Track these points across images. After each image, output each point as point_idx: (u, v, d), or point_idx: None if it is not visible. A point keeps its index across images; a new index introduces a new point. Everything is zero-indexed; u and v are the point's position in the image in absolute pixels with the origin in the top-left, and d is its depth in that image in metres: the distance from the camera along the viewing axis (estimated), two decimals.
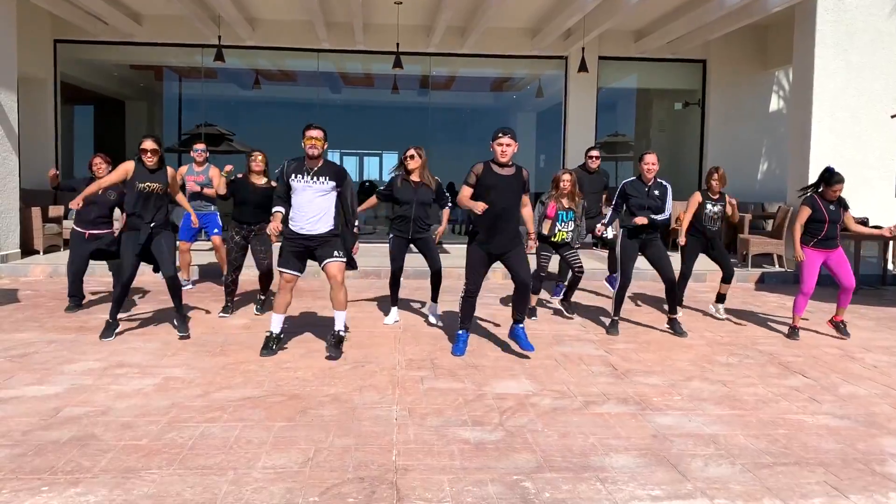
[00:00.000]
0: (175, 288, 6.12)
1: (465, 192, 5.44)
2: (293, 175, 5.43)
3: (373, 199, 6.77)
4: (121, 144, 16.29)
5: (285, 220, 5.50)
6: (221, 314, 7.01)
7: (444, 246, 13.09)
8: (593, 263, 10.32)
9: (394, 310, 6.85)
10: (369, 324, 6.75)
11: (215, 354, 5.59)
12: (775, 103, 13.77)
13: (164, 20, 12.71)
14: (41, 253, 10.61)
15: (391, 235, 6.65)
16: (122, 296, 5.97)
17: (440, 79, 14.83)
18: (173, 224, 6.37)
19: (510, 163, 5.42)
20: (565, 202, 7.09)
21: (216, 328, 6.50)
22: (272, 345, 5.58)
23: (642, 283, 9.60)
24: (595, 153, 8.32)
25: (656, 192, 6.54)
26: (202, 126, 15.61)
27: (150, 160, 5.97)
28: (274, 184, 6.77)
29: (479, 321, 6.97)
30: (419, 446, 3.74)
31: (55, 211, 11.49)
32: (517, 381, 4.97)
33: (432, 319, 6.78)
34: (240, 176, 6.99)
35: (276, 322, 5.61)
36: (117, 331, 6.07)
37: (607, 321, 6.94)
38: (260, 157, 6.94)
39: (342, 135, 17.38)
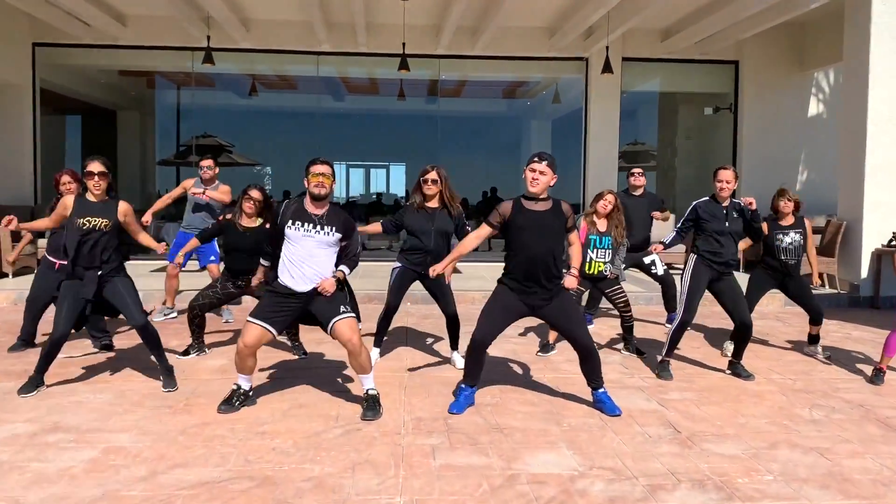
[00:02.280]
0: (150, 337, 4.97)
1: (480, 233, 4.49)
2: (291, 221, 4.37)
3: (376, 226, 5.57)
4: (112, 156, 15.38)
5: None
6: (181, 356, 5.89)
7: (456, 265, 12.00)
8: (626, 286, 9.18)
9: (375, 351, 5.73)
10: (380, 367, 5.64)
11: (177, 411, 4.50)
12: (815, 107, 12.67)
13: (151, 21, 11.74)
14: (10, 276, 9.57)
15: (398, 266, 5.57)
16: (50, 354, 4.84)
17: (449, 84, 13.80)
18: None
19: (544, 195, 4.42)
20: (601, 226, 6.03)
21: (185, 372, 5.43)
22: (235, 401, 4.53)
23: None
24: (638, 170, 7.20)
25: (735, 214, 5.43)
26: (200, 137, 14.69)
27: (96, 187, 4.81)
28: (268, 225, 5.72)
29: (497, 361, 5.87)
30: None
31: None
32: (557, 453, 3.87)
33: (459, 364, 5.64)
34: (228, 217, 5.86)
35: (243, 380, 4.58)
36: (84, 372, 5.00)
37: (656, 357, 5.83)
38: (256, 197, 5.70)
39: (346, 146, 16.41)
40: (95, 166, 4.81)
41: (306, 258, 4.36)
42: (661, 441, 4.09)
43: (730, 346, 6.27)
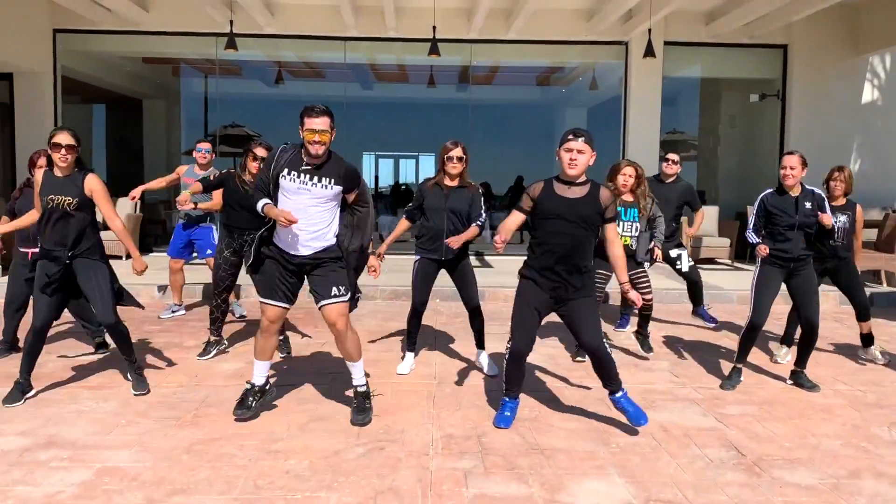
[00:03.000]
0: (119, 335, 4.56)
1: (513, 219, 4.00)
2: (285, 170, 3.89)
3: (403, 224, 5.11)
4: (139, 146, 15.17)
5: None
6: (201, 357, 5.52)
7: (486, 258, 11.54)
8: (665, 282, 8.66)
9: (409, 356, 5.27)
10: (395, 372, 5.21)
11: (184, 424, 4.11)
12: (869, 94, 11.92)
13: (173, 6, 11.37)
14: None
15: (417, 258, 5.08)
16: (33, 347, 4.45)
17: (481, 70, 13.27)
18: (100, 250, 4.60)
19: (583, 179, 3.90)
20: (627, 196, 5.45)
21: (198, 376, 5.04)
22: (251, 401, 4.16)
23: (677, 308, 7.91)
24: (673, 157, 6.62)
25: (807, 206, 4.87)
26: (228, 127, 14.42)
27: (62, 160, 4.32)
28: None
29: (531, 367, 5.40)
30: None
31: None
32: (606, 480, 3.39)
33: (488, 370, 5.18)
34: (230, 171, 5.46)
35: (258, 371, 4.18)
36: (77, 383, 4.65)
37: (717, 368, 5.32)
38: (262, 156, 5.28)
39: (375, 135, 16.01)
40: (63, 137, 4.33)
41: (301, 213, 3.83)
42: (724, 466, 3.59)
43: (781, 351, 5.74)
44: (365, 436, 3.93)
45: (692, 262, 6.36)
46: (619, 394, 4.05)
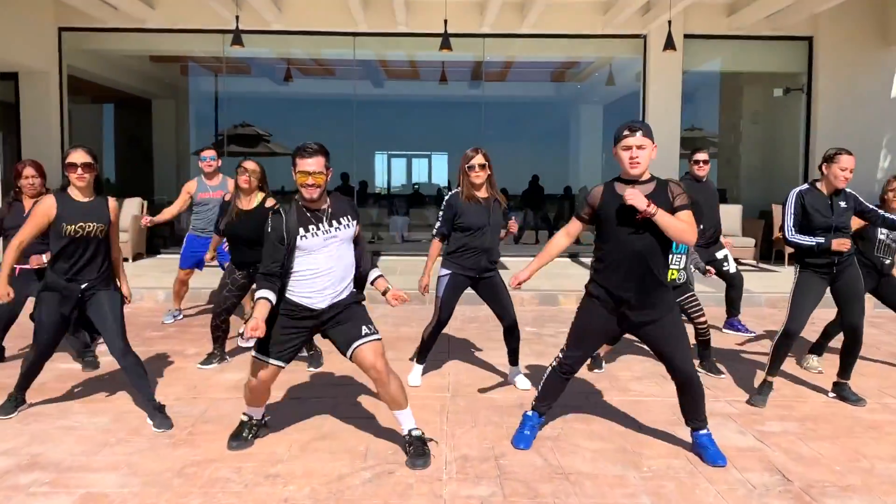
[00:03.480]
0: (131, 367, 4.08)
1: (571, 228, 3.68)
2: (300, 231, 3.45)
3: (436, 247, 4.71)
4: (148, 147, 14.95)
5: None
6: (201, 365, 5.25)
7: (502, 259, 11.19)
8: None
9: (418, 368, 4.92)
10: (407, 384, 4.88)
11: (178, 442, 3.80)
12: None
13: (179, 3, 11.10)
14: None
15: (446, 272, 4.65)
16: (31, 370, 4.16)
17: (494, 66, 12.93)
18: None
19: (646, 176, 3.47)
20: None
21: (197, 388, 4.74)
22: (247, 434, 3.78)
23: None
24: (703, 157, 6.20)
25: (843, 205, 4.48)
26: (238, 126, 14.18)
27: (80, 179, 3.93)
28: (271, 202, 4.94)
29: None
30: None
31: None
32: None
33: (521, 385, 4.80)
34: (226, 197, 5.19)
35: (254, 412, 3.83)
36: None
37: (751, 378, 4.97)
38: (251, 168, 4.93)
39: (387, 134, 15.70)
40: (79, 156, 3.92)
41: (334, 265, 3.51)
42: (769, 494, 3.24)
43: (812, 360, 5.36)
44: (372, 457, 3.61)
45: (737, 267, 6.08)
46: (704, 431, 3.63)
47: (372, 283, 3.70)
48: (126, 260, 10.23)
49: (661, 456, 3.66)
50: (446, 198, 4.66)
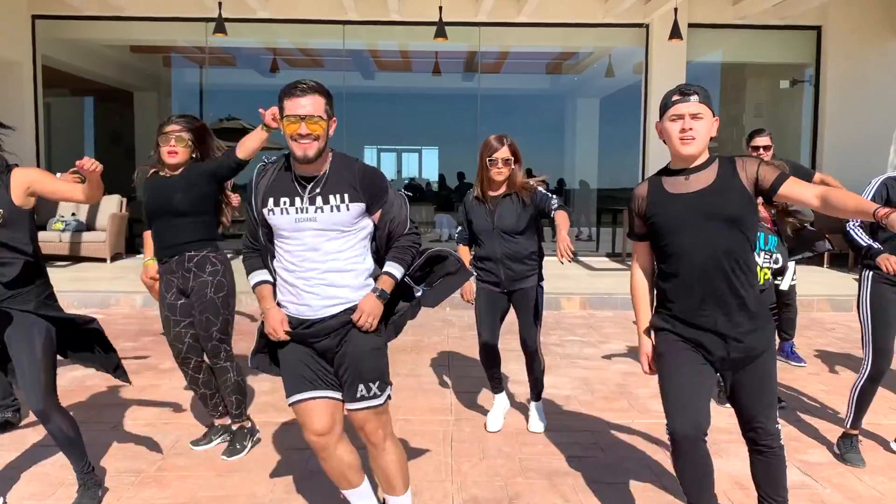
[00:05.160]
0: (61, 437, 2.96)
1: (638, 256, 2.69)
2: (269, 202, 2.50)
3: (463, 251, 4.02)
4: (130, 140, 14.43)
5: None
6: (196, 446, 3.73)
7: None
8: None
9: (499, 401, 4.09)
10: (399, 430, 4.40)
11: (144, 481, 3.31)
12: None
13: None
14: None
15: (478, 287, 3.96)
16: None
17: (489, 57, 12.45)
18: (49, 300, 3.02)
19: (703, 158, 2.51)
20: (764, 214, 4.04)
21: (171, 410, 4.23)
22: None
23: None
24: (763, 141, 5.05)
25: None
26: (225, 120, 13.66)
27: None
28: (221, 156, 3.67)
29: (569, 399, 4.59)
30: None
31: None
32: None
33: (533, 427, 4.02)
34: (149, 171, 3.76)
35: (356, 498, 2.66)
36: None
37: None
38: (176, 131, 3.55)
39: (377, 127, 15.24)
40: None
41: (309, 258, 2.48)
42: None
43: None
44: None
45: (795, 280, 5.04)
46: None
47: (375, 280, 2.56)
48: (103, 261, 9.72)
49: None
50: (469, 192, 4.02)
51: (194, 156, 3.66)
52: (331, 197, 2.44)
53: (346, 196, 2.45)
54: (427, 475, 3.39)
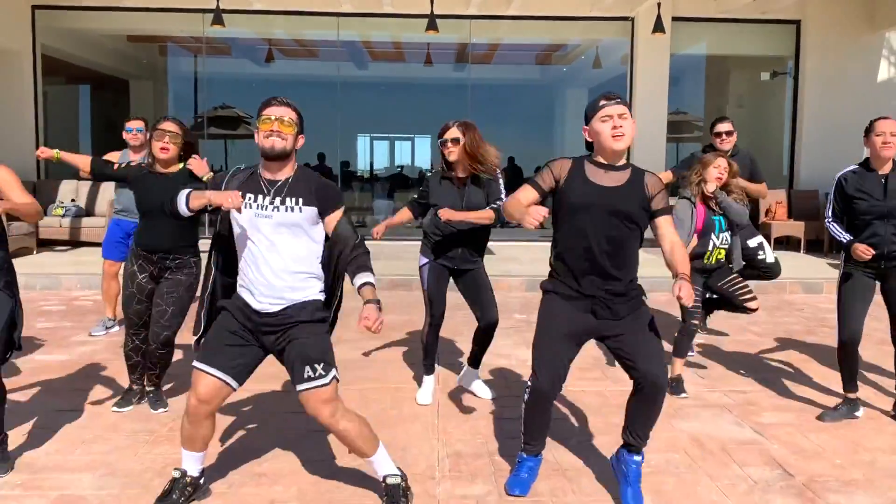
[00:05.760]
0: None
1: (523, 195, 2.93)
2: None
3: (405, 213, 4.27)
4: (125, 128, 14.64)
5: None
6: (116, 408, 4.06)
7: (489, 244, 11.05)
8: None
9: (429, 380, 4.31)
10: (391, 398, 4.62)
11: (158, 439, 3.64)
12: (885, 71, 11.42)
13: None
14: None
15: (425, 261, 4.15)
16: None
17: (480, 49, 12.74)
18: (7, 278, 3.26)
19: (622, 162, 2.95)
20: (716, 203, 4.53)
21: (181, 377, 4.56)
22: (177, 497, 2.90)
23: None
24: (725, 127, 5.31)
25: None
26: (219, 108, 13.89)
27: None
28: (205, 172, 4.00)
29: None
30: None
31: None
32: None
33: (481, 393, 4.34)
34: (141, 164, 4.18)
35: (189, 460, 2.94)
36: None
37: (746, 367, 4.87)
38: (171, 129, 3.95)
39: (370, 116, 15.49)
40: None
41: (265, 252, 2.81)
42: (771, 490, 3.16)
43: None
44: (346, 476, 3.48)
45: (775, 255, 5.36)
46: (639, 458, 3.01)
47: (358, 291, 2.79)
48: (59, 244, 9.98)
49: (660, 450, 3.56)
50: (428, 175, 4.32)
51: (181, 154, 4.03)
52: (288, 199, 2.81)
53: (300, 200, 2.82)
54: (415, 434, 3.73)
